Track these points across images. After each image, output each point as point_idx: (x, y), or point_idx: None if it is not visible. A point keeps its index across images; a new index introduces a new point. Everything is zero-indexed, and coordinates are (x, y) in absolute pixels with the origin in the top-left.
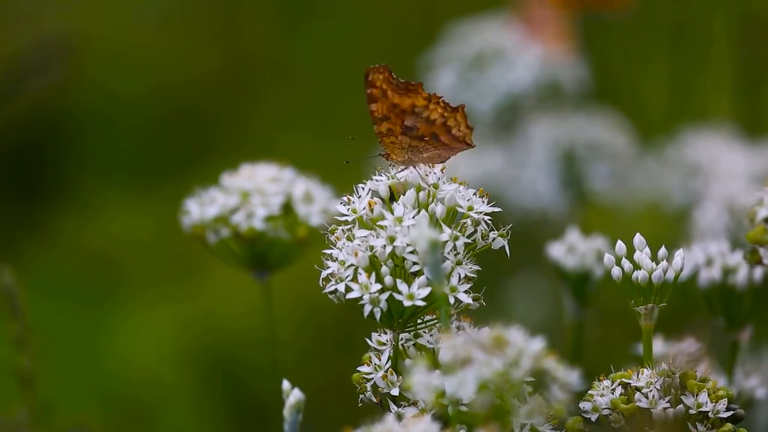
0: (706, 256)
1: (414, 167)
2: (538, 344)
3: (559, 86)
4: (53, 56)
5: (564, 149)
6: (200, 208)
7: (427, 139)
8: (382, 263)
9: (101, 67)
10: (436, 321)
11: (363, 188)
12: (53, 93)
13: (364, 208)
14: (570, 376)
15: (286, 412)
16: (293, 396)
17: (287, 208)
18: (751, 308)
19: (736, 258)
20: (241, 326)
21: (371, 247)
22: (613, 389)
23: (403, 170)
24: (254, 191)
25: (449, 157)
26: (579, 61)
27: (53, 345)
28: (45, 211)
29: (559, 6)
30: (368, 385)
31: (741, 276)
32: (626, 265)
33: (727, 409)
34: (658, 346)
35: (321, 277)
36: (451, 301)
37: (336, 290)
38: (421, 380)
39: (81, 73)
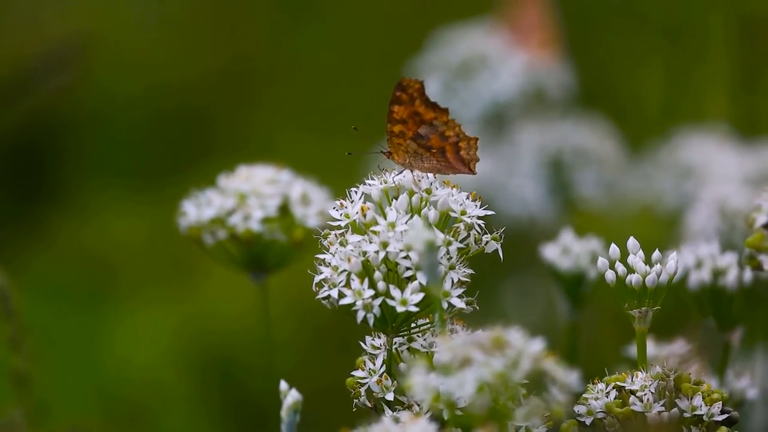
0: (696, 258)
1: (410, 171)
2: (537, 345)
3: (544, 93)
4: (64, 60)
5: (551, 156)
6: (197, 209)
7: (434, 150)
8: (375, 268)
9: (99, 68)
10: (429, 325)
11: (356, 192)
12: (60, 96)
13: (357, 213)
14: (569, 377)
15: (284, 413)
16: (291, 396)
17: (284, 209)
18: (742, 309)
19: (726, 260)
20: (239, 327)
21: (364, 253)
22: (608, 392)
23: (398, 173)
24: (251, 193)
25: (446, 175)
26: (565, 67)
27: (50, 346)
28: (43, 212)
29: None
30: (362, 390)
31: (731, 278)
32: (620, 268)
33: (722, 412)
34: (650, 347)
35: (314, 283)
36: (445, 305)
37: (329, 296)
38: (420, 381)
39: (86, 75)
